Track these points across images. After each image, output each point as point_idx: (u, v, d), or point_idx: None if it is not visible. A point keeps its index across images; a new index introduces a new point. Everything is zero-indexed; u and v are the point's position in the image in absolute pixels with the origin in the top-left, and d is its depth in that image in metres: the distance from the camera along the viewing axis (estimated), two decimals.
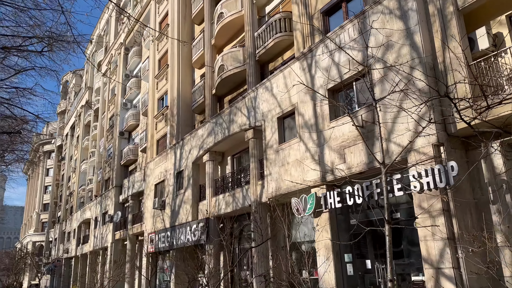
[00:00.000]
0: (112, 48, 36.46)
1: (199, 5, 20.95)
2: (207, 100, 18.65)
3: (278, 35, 14.46)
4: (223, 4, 17.85)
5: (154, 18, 26.73)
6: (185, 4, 23.04)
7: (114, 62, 36.11)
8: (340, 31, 11.22)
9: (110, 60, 36.89)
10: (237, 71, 16.56)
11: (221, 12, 17.86)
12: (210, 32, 19.44)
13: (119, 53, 34.18)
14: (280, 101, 13.34)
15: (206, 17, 19.80)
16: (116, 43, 35.24)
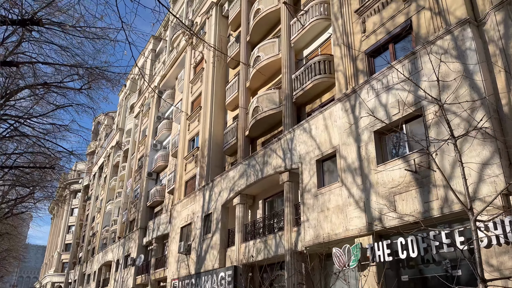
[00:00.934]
0: (146, 91, 37.36)
1: (235, 49, 21.23)
2: (240, 141, 18.28)
3: (317, 77, 14.15)
4: (260, 48, 17.96)
5: (189, 62, 27.30)
6: (220, 48, 23.39)
7: (147, 104, 36.91)
8: (388, 71, 10.73)
9: (143, 103, 37.74)
10: (272, 113, 16.25)
11: (258, 55, 17.91)
12: (245, 75, 19.48)
13: (152, 96, 34.90)
14: (320, 143, 12.72)
15: (242, 59, 19.90)
16: (151, 86, 36.10)
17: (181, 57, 29.80)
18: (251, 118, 17.36)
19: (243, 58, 19.92)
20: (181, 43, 30.35)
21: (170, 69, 31.45)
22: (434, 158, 9.01)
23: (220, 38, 23.51)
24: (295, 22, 16.27)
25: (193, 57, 27.04)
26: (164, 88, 33.53)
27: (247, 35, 20.12)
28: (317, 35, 15.54)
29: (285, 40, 16.52)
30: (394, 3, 11.27)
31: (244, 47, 20.14)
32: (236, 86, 20.17)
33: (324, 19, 14.86)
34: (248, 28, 20.19)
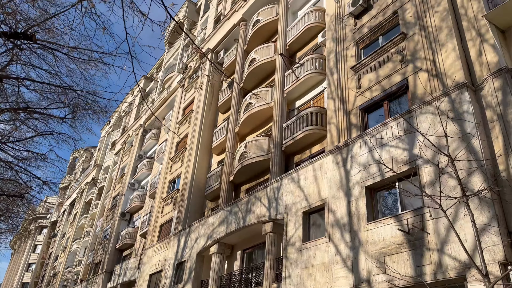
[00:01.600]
0: (130, 129, 36.79)
1: (227, 95, 21.25)
2: (223, 186, 17.67)
3: (308, 128, 14.01)
4: (252, 96, 17.89)
5: (178, 103, 27.16)
6: (212, 93, 23.45)
7: (130, 142, 36.19)
8: (382, 128, 10.62)
9: (126, 140, 36.99)
10: (259, 160, 15.92)
11: (250, 102, 17.87)
12: (235, 120, 19.31)
13: (136, 134, 34.33)
14: (308, 195, 12.26)
15: (233, 106, 19.90)
16: (136, 124, 35.64)
17: (170, 98, 29.70)
18: (237, 163, 16.94)
19: (234, 103, 19.88)
20: (172, 85, 30.43)
21: (158, 109, 31.17)
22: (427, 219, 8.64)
23: (213, 83, 23.59)
24: (289, 73, 16.42)
25: (183, 99, 26.91)
26: (149, 127, 33.07)
27: (241, 82, 20.19)
28: (310, 88, 15.64)
29: (279, 89, 16.58)
30: (391, 62, 11.45)
31: (236, 93, 20.18)
32: (224, 131, 19.91)
33: (318, 73, 15.00)
34: (242, 75, 20.37)
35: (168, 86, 31.50)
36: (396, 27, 12.00)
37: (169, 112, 29.70)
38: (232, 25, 22.97)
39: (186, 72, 27.68)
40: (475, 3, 9.75)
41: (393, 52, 11.43)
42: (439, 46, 10.01)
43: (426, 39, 10.44)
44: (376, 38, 12.51)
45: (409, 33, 11.19)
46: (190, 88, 26.34)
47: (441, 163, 8.84)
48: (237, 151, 17.42)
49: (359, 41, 13.04)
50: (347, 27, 13.69)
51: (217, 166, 20.07)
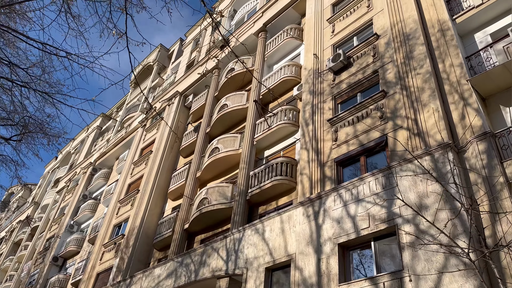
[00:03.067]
0: (79, 166, 34.35)
1: (191, 138, 20.41)
2: (176, 234, 16.21)
3: (278, 178, 13.34)
4: (220, 140, 17.30)
5: (137, 143, 25.81)
6: (175, 136, 22.51)
7: (76, 180, 33.68)
8: (359, 182, 10.10)
9: (72, 178, 34.33)
10: (221, 208, 14.90)
11: (217, 147, 17.12)
12: (197, 165, 18.40)
13: (84, 172, 32.02)
14: (273, 249, 11.20)
15: (197, 149, 19.11)
16: (85, 162, 33.35)
17: (128, 138, 28.35)
18: (196, 210, 15.72)
19: (199, 147, 19.09)
20: (132, 125, 29.19)
21: (113, 147, 29.56)
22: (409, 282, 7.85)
23: (178, 125, 22.76)
24: (261, 122, 16.08)
25: (142, 139, 25.65)
26: (100, 166, 31.01)
27: (208, 127, 19.66)
28: (281, 138, 15.27)
29: (249, 137, 16.06)
30: (369, 118, 11.29)
31: (202, 137, 19.48)
32: (184, 175, 18.79)
33: (291, 124, 14.74)
34: (210, 120, 19.87)
35: (127, 125, 30.20)
36: (376, 85, 12.06)
37: (125, 152, 28.15)
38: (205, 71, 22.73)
39: (150, 112, 26.69)
40: (457, 69, 9.95)
41: (373, 109, 11.33)
42: (421, 106, 9.97)
43: (408, 99, 10.42)
44: (354, 94, 12.50)
45: (390, 91, 11.21)
46: (152, 129, 25.23)
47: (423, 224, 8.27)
48: (197, 197, 16.32)
49: (337, 95, 12.99)
50: (325, 81, 13.69)
51: (172, 212, 18.69)
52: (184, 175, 18.87)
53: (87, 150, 35.73)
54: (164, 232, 17.43)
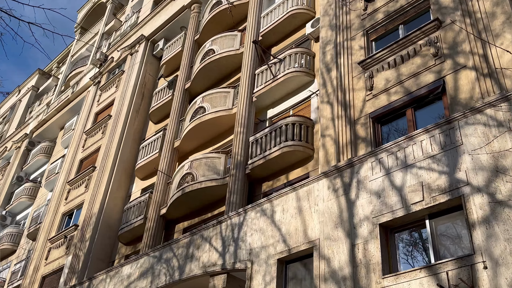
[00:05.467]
0: (9, 140, 33.42)
1: (165, 97, 19.89)
2: (150, 222, 15.97)
3: (289, 143, 13.06)
4: (205, 98, 16.96)
5: (89, 106, 25.07)
6: (141, 95, 21.93)
7: (6, 158, 33.03)
8: (407, 143, 9.75)
9: (0, 155, 33.42)
10: (211, 185, 14.68)
11: (201, 106, 16.72)
12: (175, 132, 18.06)
13: (18, 146, 31.22)
14: (287, 234, 10.96)
15: (174, 112, 18.69)
16: (18, 134, 32.45)
17: (76, 100, 27.68)
18: (176, 190, 15.44)
19: (176, 108, 18.72)
20: (81, 83, 28.30)
21: (56, 114, 28.94)
22: None
23: (145, 80, 22.28)
24: (263, 71, 15.69)
25: (96, 101, 24.98)
26: (38, 139, 30.26)
27: (187, 81, 19.27)
28: (291, 92, 14.96)
29: (245, 91, 15.67)
30: (419, 57, 10.91)
31: (180, 94, 19.07)
32: (157, 145, 18.46)
33: (305, 73, 14.41)
34: (191, 73, 19.50)
35: (74, 84, 29.29)
36: (425, 13, 11.67)
37: (72, 118, 27.48)
38: (181, 7, 21.98)
39: (106, 65, 25.86)
40: None
41: (423, 45, 10.95)
42: (492, 37, 9.55)
43: (473, 28, 9.97)
44: (395, 27, 12.15)
45: (446, 20, 10.78)
46: (109, 87, 24.67)
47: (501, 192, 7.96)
48: (177, 173, 16.06)
49: (371, 30, 12.62)
50: (352, 12, 13.20)
51: (141, 194, 18.50)
52: (157, 145, 18.60)
53: (20, 118, 34.78)
54: (132, 220, 17.19)
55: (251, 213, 12.24)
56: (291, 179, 13.22)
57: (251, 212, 12.26)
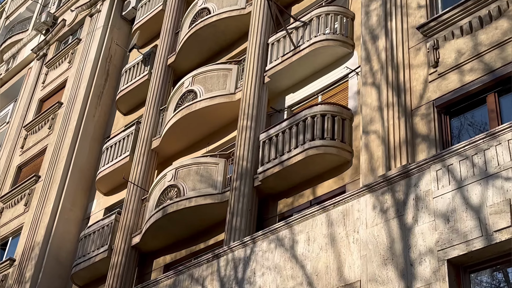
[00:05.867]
0: None
1: (139, 77, 20.35)
2: (118, 256, 16.40)
3: (316, 143, 13.25)
4: (196, 78, 17.44)
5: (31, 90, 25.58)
6: (105, 73, 22.47)
7: None
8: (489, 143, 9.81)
9: None
10: (205, 203, 15.01)
11: (191, 90, 17.12)
12: (152, 126, 18.52)
13: None
14: (314, 274, 11.16)
15: (152, 98, 19.17)
16: None
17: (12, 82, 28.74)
18: (154, 210, 15.83)
19: (155, 93, 19.28)
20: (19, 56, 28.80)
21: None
22: None
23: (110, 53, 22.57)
24: (279, 40, 15.99)
25: (41, 83, 25.53)
26: None
27: (171, 55, 19.77)
28: (319, 70, 15.23)
29: (254, 69, 16.00)
30: (505, 20, 10.92)
31: (160, 73, 19.59)
32: (127, 145, 19.10)
33: (340, 42, 14.64)
34: (175, 42, 19.98)
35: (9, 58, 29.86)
36: None
37: (7, 108, 28.30)
38: None
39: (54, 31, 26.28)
40: None
41: None
42: None
43: None
44: None
45: None
46: (59, 62, 25.27)
47: None
48: (155, 185, 16.58)
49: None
50: None
51: (105, 215, 18.98)
52: (127, 145, 19.13)
53: None
54: (92, 252, 17.62)
55: (262, 243, 12.39)
56: (320, 195, 13.39)
57: (262, 241, 12.42)
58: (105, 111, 22.06)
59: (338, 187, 13.08)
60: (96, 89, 22.00)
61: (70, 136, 20.94)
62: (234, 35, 18.12)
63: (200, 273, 13.24)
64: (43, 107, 24.48)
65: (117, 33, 23.48)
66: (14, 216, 21.31)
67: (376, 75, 12.61)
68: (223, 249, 13.07)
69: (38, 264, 18.47)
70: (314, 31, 14.92)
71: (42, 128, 23.29)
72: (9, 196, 21.98)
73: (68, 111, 21.96)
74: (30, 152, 23.06)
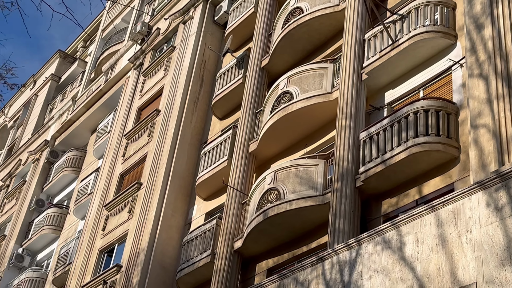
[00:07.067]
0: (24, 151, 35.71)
1: (233, 81, 20.70)
2: (221, 261, 16.57)
3: (420, 140, 12.87)
4: (291, 79, 17.44)
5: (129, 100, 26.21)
6: (200, 79, 22.84)
7: (21, 175, 35.35)
8: None
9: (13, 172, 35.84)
10: (306, 206, 14.92)
11: (287, 91, 17.22)
12: (249, 130, 18.73)
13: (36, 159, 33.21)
14: (425, 276, 10.92)
15: (247, 101, 19.37)
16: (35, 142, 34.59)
17: (111, 92, 29.29)
18: (255, 214, 15.89)
19: (250, 96, 19.47)
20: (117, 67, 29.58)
21: (84, 111, 30.75)
22: None
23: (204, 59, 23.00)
24: (376, 35, 15.79)
25: (138, 92, 26.17)
26: (63, 147, 32.08)
27: (264, 57, 19.88)
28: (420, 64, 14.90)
29: (351, 66, 15.87)
30: None
31: (254, 76, 19.78)
32: (225, 150, 19.26)
33: (441, 33, 14.26)
34: (268, 44, 20.07)
35: (108, 69, 30.67)
36: None
37: (107, 117, 28.88)
38: None
39: (149, 40, 26.95)
40: None
41: None
42: None
43: None
44: None
45: None
46: (155, 71, 25.83)
47: None
48: (255, 189, 16.62)
49: None
50: None
51: (206, 220, 19.16)
52: (225, 149, 19.28)
53: (37, 120, 37.00)
54: (195, 258, 17.85)
55: (367, 246, 12.28)
56: (426, 194, 13.14)
57: (367, 243, 12.31)
58: (202, 117, 22.37)
59: (446, 185, 12.81)
60: (192, 95, 22.34)
61: (169, 143, 21.31)
62: (328, 33, 18.05)
63: (304, 276, 13.29)
64: (142, 116, 25.04)
65: (210, 39, 23.80)
66: (119, 223, 21.85)
67: (483, 66, 12.27)
68: (327, 252, 13.09)
69: (144, 270, 18.81)
70: (413, 24, 14.68)
71: (141, 137, 23.83)
72: (113, 204, 22.55)
73: (165, 118, 22.39)
74: (131, 160, 23.61)
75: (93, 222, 23.42)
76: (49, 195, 31.31)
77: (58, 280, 24.72)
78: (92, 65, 34.37)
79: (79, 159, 30.06)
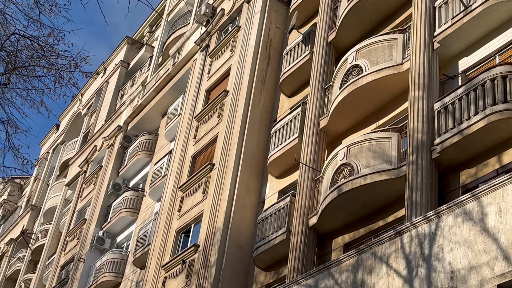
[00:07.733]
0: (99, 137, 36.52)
1: (301, 57, 20.60)
2: (297, 237, 16.59)
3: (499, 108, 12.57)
4: (360, 52, 17.27)
5: (197, 82, 26.43)
6: (267, 57, 22.91)
7: (97, 161, 36.31)
8: None
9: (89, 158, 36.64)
10: (380, 180, 14.79)
11: (356, 64, 17.06)
12: (318, 106, 18.64)
13: (110, 144, 34.04)
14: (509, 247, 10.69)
15: (315, 77, 19.22)
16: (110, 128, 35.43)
17: (180, 75, 29.58)
18: (329, 190, 15.85)
19: (318, 72, 19.32)
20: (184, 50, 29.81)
21: (154, 96, 31.25)
22: None
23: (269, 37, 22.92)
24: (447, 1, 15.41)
25: (206, 74, 26.44)
26: (136, 132, 32.71)
27: (331, 31, 19.70)
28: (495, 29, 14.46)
29: (421, 35, 15.57)
30: None
31: (321, 51, 19.62)
32: (295, 127, 19.19)
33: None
34: (335, 18, 19.83)
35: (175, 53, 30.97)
36: None
37: (177, 100, 29.25)
38: None
39: (214, 21, 27.04)
40: None
41: None
42: None
43: None
44: None
45: None
46: (221, 52, 25.99)
47: None
48: (328, 165, 16.59)
49: None
50: None
51: (279, 198, 19.19)
52: (295, 127, 19.24)
53: (109, 106, 37.89)
54: (270, 235, 17.92)
55: (447, 218, 12.12)
56: (507, 162, 12.81)
57: (447, 215, 12.15)
58: (270, 95, 22.41)
59: None
60: (259, 74, 22.36)
61: (239, 123, 21.46)
62: (396, 3, 17.77)
63: (383, 251, 13.25)
64: (211, 97, 25.23)
65: (275, 16, 23.67)
66: (194, 204, 22.12)
67: None
68: (406, 226, 13.01)
69: (221, 249, 19.05)
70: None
71: (211, 118, 24.04)
72: (188, 185, 22.84)
73: (234, 98, 22.52)
74: (203, 142, 23.82)
75: (169, 204, 23.81)
76: (125, 179, 32.09)
77: (139, 260, 25.20)
78: (159, 50, 34.84)
79: (151, 142, 30.60)
